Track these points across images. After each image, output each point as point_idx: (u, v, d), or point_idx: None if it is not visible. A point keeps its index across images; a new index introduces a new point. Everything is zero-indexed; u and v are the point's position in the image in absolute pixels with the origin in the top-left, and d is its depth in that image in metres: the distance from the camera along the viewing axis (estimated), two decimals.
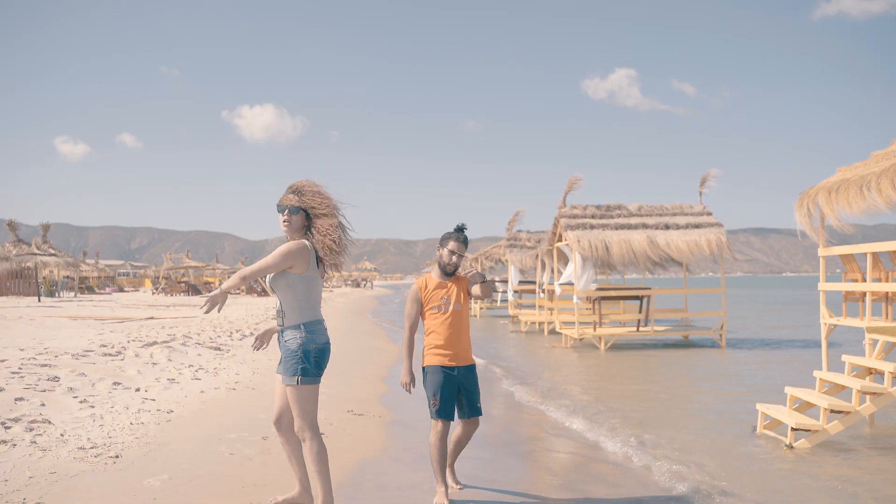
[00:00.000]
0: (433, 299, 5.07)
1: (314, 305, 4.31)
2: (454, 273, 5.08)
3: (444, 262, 5.06)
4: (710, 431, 7.83)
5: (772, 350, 16.21)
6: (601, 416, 8.57)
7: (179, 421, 6.80)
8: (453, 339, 5.03)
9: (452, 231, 5.11)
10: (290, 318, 4.24)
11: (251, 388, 8.86)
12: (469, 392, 5.07)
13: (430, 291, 5.11)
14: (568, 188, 18.09)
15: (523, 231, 26.81)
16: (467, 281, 5.08)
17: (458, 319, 5.05)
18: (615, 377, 12.19)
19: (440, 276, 5.13)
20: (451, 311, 5.03)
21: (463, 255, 5.05)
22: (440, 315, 5.04)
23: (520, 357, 15.67)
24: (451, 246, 5.02)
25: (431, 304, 5.07)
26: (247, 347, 12.73)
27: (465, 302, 5.09)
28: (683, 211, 18.39)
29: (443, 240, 5.12)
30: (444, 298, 5.04)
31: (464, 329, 5.09)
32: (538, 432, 7.77)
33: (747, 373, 12.55)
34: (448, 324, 5.03)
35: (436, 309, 5.05)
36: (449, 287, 5.08)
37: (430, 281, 5.15)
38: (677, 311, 20.07)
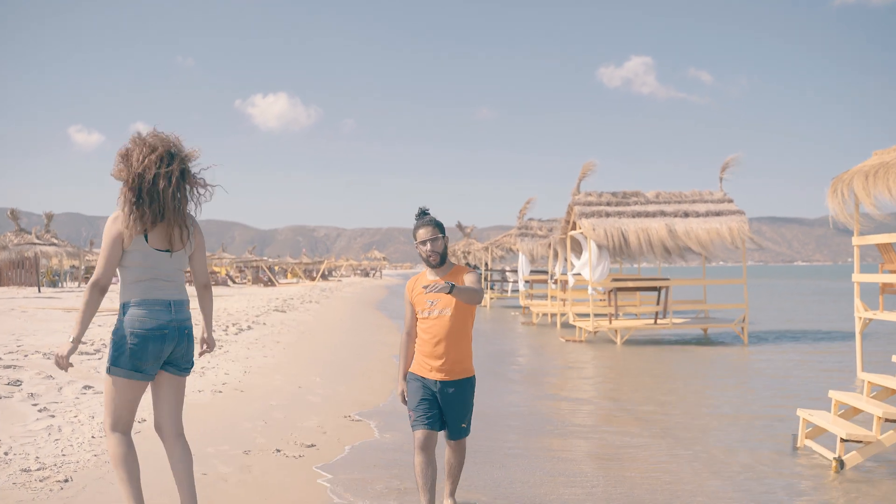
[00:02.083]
0: (420, 301, 4.42)
1: (141, 282, 3.71)
2: (442, 263, 4.38)
3: (425, 255, 4.39)
4: (745, 443, 7.00)
5: (799, 345, 15.35)
6: (621, 420, 7.77)
7: (150, 431, 6.04)
8: (438, 349, 4.32)
9: (417, 217, 4.49)
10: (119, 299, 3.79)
11: (239, 391, 8.10)
12: (453, 409, 4.37)
13: (417, 292, 4.43)
14: (582, 174, 17.23)
15: (535, 219, 25.97)
16: (467, 274, 4.38)
17: (446, 326, 4.32)
18: (634, 376, 11.37)
19: (431, 273, 4.45)
20: (436, 315, 4.33)
21: (440, 239, 4.37)
22: (426, 320, 4.39)
23: (532, 352, 14.88)
24: (420, 235, 4.38)
25: (418, 306, 4.43)
26: (241, 343, 11.97)
27: (461, 305, 4.33)
28: (703, 198, 17.50)
29: (414, 232, 4.45)
30: (430, 301, 4.36)
31: (454, 338, 4.34)
32: (552, 442, 6.97)
33: (775, 371, 11.71)
34: (433, 331, 4.34)
35: (422, 312, 4.41)
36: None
37: (420, 279, 4.50)
38: (696, 303, 19.23)
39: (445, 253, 4.40)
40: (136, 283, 3.72)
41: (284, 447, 5.98)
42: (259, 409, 7.26)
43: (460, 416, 4.39)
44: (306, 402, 7.87)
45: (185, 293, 3.84)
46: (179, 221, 3.77)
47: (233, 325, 14.53)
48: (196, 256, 3.93)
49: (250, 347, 11.58)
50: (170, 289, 3.75)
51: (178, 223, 3.77)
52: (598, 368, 12.25)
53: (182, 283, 3.84)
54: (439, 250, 4.34)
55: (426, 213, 4.49)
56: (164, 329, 3.67)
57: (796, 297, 39.25)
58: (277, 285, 45.24)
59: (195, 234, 3.88)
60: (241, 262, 56.55)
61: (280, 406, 7.51)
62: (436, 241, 4.34)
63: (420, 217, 4.46)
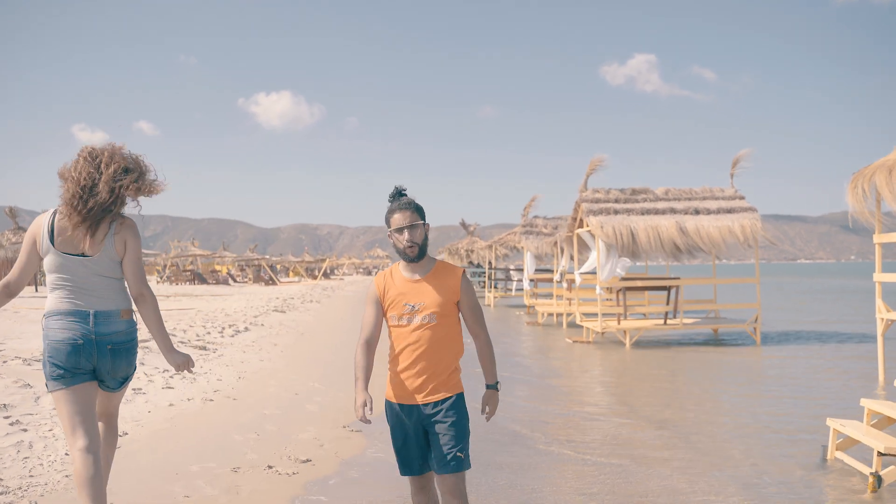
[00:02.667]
0: (395, 304, 3.50)
1: (58, 291, 3.53)
2: (421, 256, 3.49)
3: (401, 246, 3.47)
4: (771, 455, 6.51)
5: (814, 346, 14.84)
6: (637, 429, 7.29)
7: (133, 446, 5.59)
8: (419, 366, 3.44)
9: (391, 199, 3.60)
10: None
11: (232, 399, 7.64)
12: (442, 435, 3.42)
13: (391, 291, 3.52)
14: (590, 170, 16.72)
15: (540, 217, 25.46)
16: (460, 280, 3.51)
17: (431, 337, 3.43)
18: (647, 381, 10.89)
19: (408, 269, 3.53)
20: (418, 323, 3.44)
21: (421, 226, 3.50)
22: (402, 329, 3.47)
23: (539, 354, 14.40)
24: (395, 221, 3.48)
25: (392, 310, 3.51)
26: (237, 346, 11.51)
27: (448, 312, 3.47)
28: (714, 195, 16.98)
29: (387, 217, 3.55)
30: (409, 305, 3.46)
31: (440, 351, 3.45)
32: (563, 452, 6.49)
33: (794, 375, 11.22)
34: (413, 345, 3.44)
35: (396, 319, 3.49)
36: (420, 287, 3.47)
37: (394, 274, 3.56)
38: (707, 303, 18.73)
39: (426, 244, 3.54)
40: (52, 291, 3.55)
41: (277, 463, 5.52)
42: (252, 420, 6.80)
43: (452, 443, 3.42)
44: (303, 411, 7.40)
45: (115, 303, 3.58)
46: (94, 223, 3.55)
47: (229, 327, 14.06)
48: (126, 261, 3.65)
49: (246, 350, 11.12)
50: (88, 298, 3.51)
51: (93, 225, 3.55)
52: (609, 371, 11.77)
53: (118, 289, 3.62)
54: (419, 240, 3.47)
55: (403, 193, 3.60)
56: (76, 341, 3.44)
57: (804, 295, 38.70)
58: (278, 284, 44.80)
59: (120, 236, 3.63)
60: (242, 260, 56.06)
61: (274, 416, 7.04)
62: (415, 229, 3.46)
63: (395, 198, 3.56)
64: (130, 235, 3.67)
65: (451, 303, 3.48)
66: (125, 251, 3.65)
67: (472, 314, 3.57)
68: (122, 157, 3.68)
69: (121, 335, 3.55)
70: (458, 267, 3.57)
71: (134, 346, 3.65)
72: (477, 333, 3.59)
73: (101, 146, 3.71)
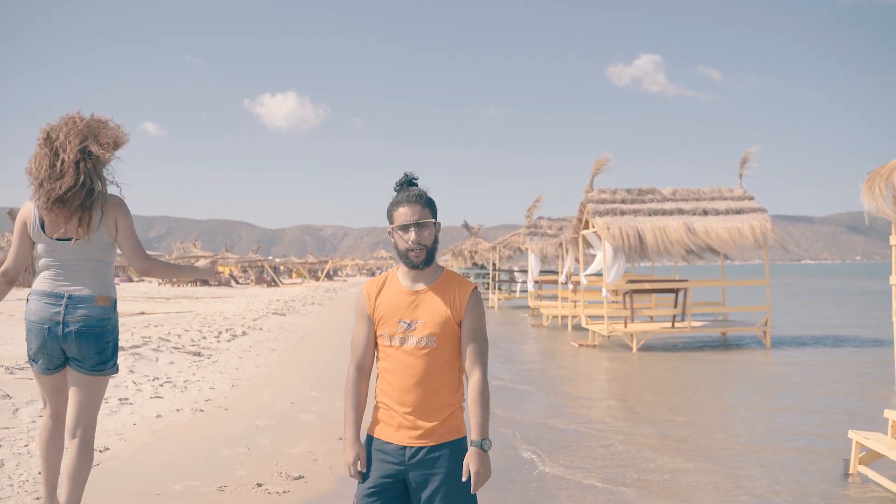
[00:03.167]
0: (387, 320, 2.80)
1: (44, 272, 3.60)
2: (429, 263, 2.80)
3: (404, 247, 2.77)
4: (790, 468, 6.15)
5: (826, 351, 14.47)
6: (648, 441, 6.94)
7: (112, 462, 5.25)
8: (410, 396, 2.74)
9: (398, 188, 2.89)
10: None
11: (223, 409, 7.30)
12: (435, 496, 2.69)
13: (384, 303, 2.83)
14: (596, 170, 16.36)
15: (544, 218, 25.10)
16: (469, 296, 2.80)
17: (428, 362, 2.74)
18: (657, 388, 10.53)
19: (408, 277, 2.84)
20: (414, 345, 2.75)
21: (431, 225, 2.80)
22: (394, 351, 2.78)
23: (544, 358, 14.05)
24: (401, 216, 2.78)
25: (384, 327, 2.81)
26: (233, 352, 11.16)
27: (450, 335, 2.77)
28: (722, 195, 16.62)
29: (390, 211, 2.84)
30: (404, 323, 2.77)
31: (438, 380, 2.75)
32: (574, 462, 6.14)
33: (807, 382, 10.85)
34: (405, 369, 2.75)
35: (388, 338, 2.79)
36: (421, 301, 2.79)
37: (389, 282, 2.88)
38: (715, 305, 18.36)
39: (435, 248, 2.83)
40: (40, 272, 3.62)
41: (267, 480, 5.17)
42: (243, 432, 6.46)
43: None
44: (298, 422, 7.05)
45: (93, 288, 3.57)
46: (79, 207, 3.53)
47: (226, 331, 13.72)
48: (121, 239, 3.67)
49: (242, 356, 10.77)
50: (67, 281, 3.54)
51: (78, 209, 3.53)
52: (617, 377, 11.41)
53: (96, 273, 3.60)
54: (427, 242, 2.77)
55: (413, 182, 2.89)
56: (45, 323, 3.50)
57: (811, 296, 38.24)
58: (280, 286, 44.49)
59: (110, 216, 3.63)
60: (245, 262, 55.72)
61: (268, 427, 6.70)
62: (423, 228, 2.77)
63: (403, 188, 2.86)
64: (120, 214, 3.64)
65: (453, 323, 2.78)
66: (117, 231, 3.65)
67: (474, 341, 2.78)
68: (77, 131, 3.58)
69: (91, 319, 3.52)
70: (469, 282, 2.87)
71: (104, 332, 3.58)
72: (473, 369, 2.76)
73: (57, 123, 3.62)
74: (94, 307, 3.53)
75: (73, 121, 3.61)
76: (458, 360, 2.81)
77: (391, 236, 2.83)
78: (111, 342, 3.62)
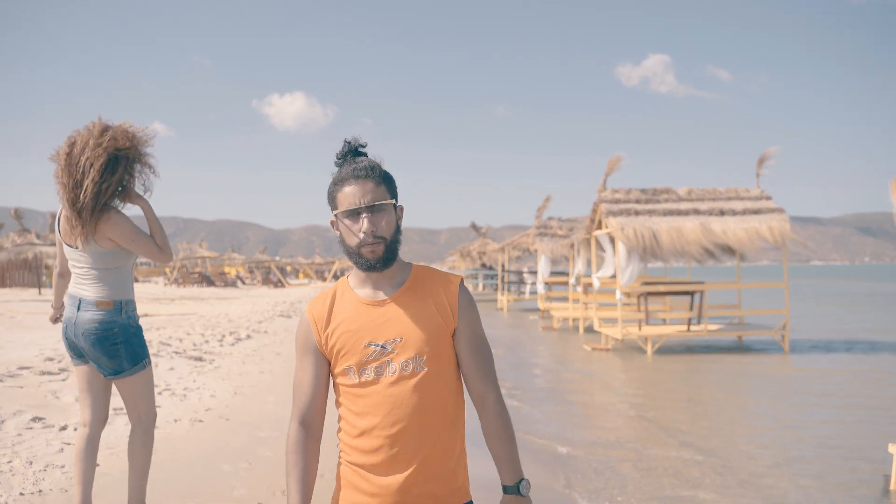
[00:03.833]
0: (349, 348, 2.00)
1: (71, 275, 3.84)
2: (389, 261, 2.01)
3: (354, 242, 1.99)
4: (826, 485, 5.74)
5: (849, 356, 14.03)
6: (672, 454, 6.53)
7: (100, 481, 4.85)
8: (400, 458, 1.95)
9: (339, 161, 2.10)
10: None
11: (224, 419, 6.92)
12: None
13: (340, 327, 2.02)
14: (609, 169, 15.95)
15: (554, 219, 24.67)
16: (457, 293, 2.05)
17: (419, 402, 1.96)
18: (675, 394, 10.11)
19: (365, 284, 2.07)
20: (392, 376, 1.97)
21: (389, 207, 2.03)
22: (368, 388, 1.98)
23: (557, 364, 13.64)
24: (347, 196, 1.99)
25: (346, 359, 2.00)
26: (236, 356, 10.78)
27: (444, 351, 2.01)
28: (739, 195, 16.18)
29: (332, 192, 2.05)
30: (376, 346, 1.98)
31: (437, 425, 1.98)
32: (593, 482, 5.74)
33: (832, 389, 10.41)
34: (388, 416, 1.95)
35: (356, 374, 1.98)
36: (391, 313, 2.01)
37: (340, 297, 2.09)
38: (731, 308, 17.92)
39: (398, 240, 2.04)
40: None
41: (269, 500, 4.79)
42: (244, 444, 6.08)
43: None
44: None
45: (98, 290, 3.63)
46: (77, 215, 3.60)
47: (230, 334, 13.33)
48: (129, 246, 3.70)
49: (245, 361, 10.39)
50: (79, 285, 3.66)
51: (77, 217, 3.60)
52: (633, 384, 10.99)
53: (98, 278, 3.64)
54: (386, 233, 2.00)
55: (359, 151, 2.10)
56: (66, 323, 3.66)
57: (825, 298, 37.72)
58: (287, 286, 44.18)
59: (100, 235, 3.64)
60: (251, 262, 55.45)
61: (271, 439, 6.31)
62: (379, 214, 1.99)
63: (347, 160, 2.08)
64: (113, 231, 3.64)
65: (445, 334, 2.01)
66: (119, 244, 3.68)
67: (477, 352, 2.04)
68: (102, 150, 3.59)
69: (93, 323, 3.58)
70: (449, 274, 2.10)
71: (109, 335, 3.60)
72: (484, 390, 2.04)
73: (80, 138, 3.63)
74: (95, 311, 3.59)
75: (90, 131, 3.65)
76: (458, 386, 2.06)
77: (335, 227, 2.07)
78: (121, 345, 3.63)
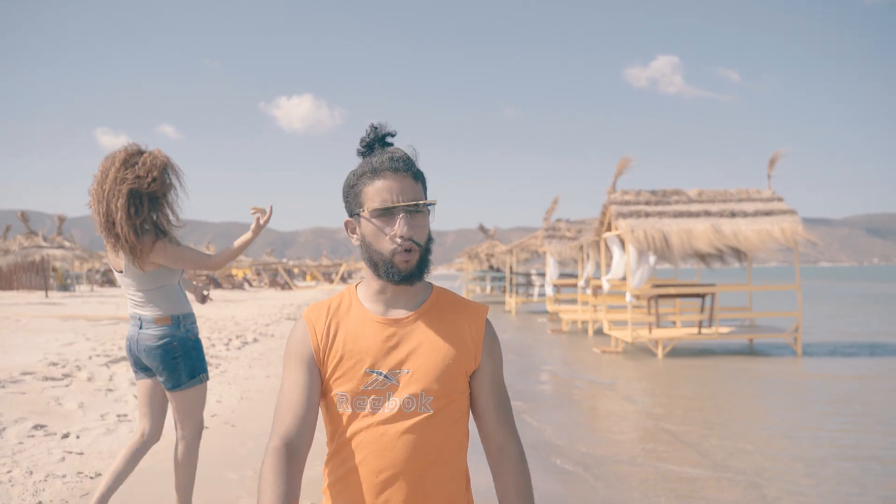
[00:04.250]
0: (348, 369, 1.69)
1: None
2: (422, 273, 1.68)
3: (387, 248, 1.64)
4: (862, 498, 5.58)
5: (865, 361, 13.83)
6: (692, 468, 6.38)
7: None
8: (388, 494, 1.64)
9: (365, 150, 1.73)
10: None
11: (230, 425, 6.79)
12: None
13: (342, 341, 1.70)
14: (618, 171, 15.80)
15: (563, 220, 24.51)
16: (483, 328, 1.76)
17: (420, 450, 1.66)
18: (691, 399, 9.95)
19: (379, 300, 1.74)
20: (391, 413, 1.66)
21: (426, 210, 1.69)
22: (362, 423, 1.67)
23: (566, 368, 13.48)
24: (381, 192, 1.63)
25: (343, 382, 1.68)
26: (243, 360, 10.66)
27: (457, 394, 1.72)
28: (750, 196, 16.00)
29: (357, 187, 1.68)
30: (379, 375, 1.67)
31: (441, 477, 1.69)
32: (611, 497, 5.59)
33: (848, 393, 10.23)
34: (383, 454, 1.65)
35: (349, 403, 1.68)
36: (405, 336, 1.70)
37: (346, 309, 1.75)
38: (742, 311, 17.73)
39: (430, 251, 1.72)
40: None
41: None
42: (251, 452, 5.95)
43: None
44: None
45: (153, 309, 3.67)
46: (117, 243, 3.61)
47: (237, 338, 13.22)
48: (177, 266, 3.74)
49: (252, 365, 10.27)
50: (136, 306, 3.73)
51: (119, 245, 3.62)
52: (645, 389, 10.82)
53: (149, 299, 3.68)
54: (422, 240, 1.67)
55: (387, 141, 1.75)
56: (129, 340, 3.76)
57: (836, 300, 37.41)
58: (294, 289, 44.09)
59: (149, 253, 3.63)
60: (259, 264, 55.39)
61: None
62: (417, 215, 1.67)
63: (375, 147, 1.73)
64: (157, 256, 3.65)
65: (461, 373, 1.71)
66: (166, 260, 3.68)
67: (497, 398, 1.77)
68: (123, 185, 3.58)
69: (154, 340, 3.65)
70: (474, 303, 1.80)
71: (169, 350, 3.65)
72: (502, 440, 1.76)
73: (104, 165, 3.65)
74: (155, 328, 3.67)
75: (114, 159, 3.66)
76: (465, 435, 1.77)
77: (351, 230, 1.71)
78: (180, 358, 3.68)
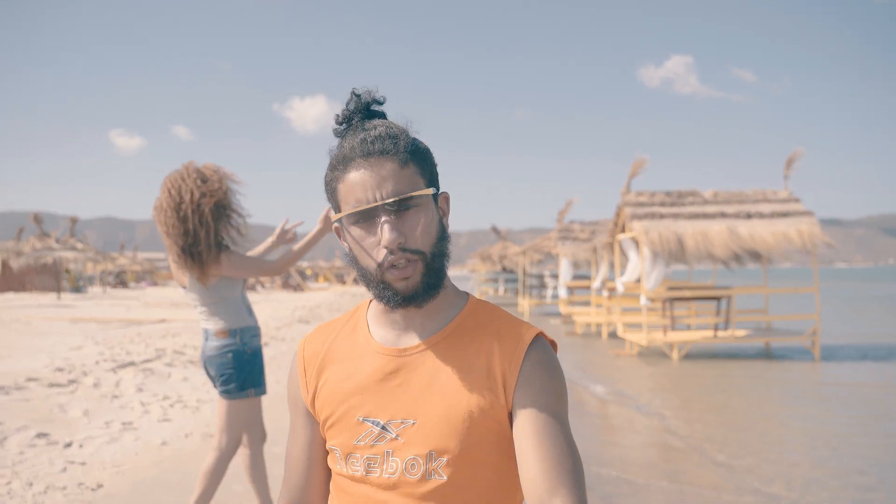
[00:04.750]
0: (338, 417, 1.28)
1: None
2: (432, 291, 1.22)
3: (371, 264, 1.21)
4: None
5: (886, 365, 13.57)
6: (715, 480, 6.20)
7: (107, 501, 4.61)
8: None
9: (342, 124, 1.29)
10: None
11: None
12: None
13: (331, 381, 1.31)
14: (633, 172, 15.62)
15: (576, 222, 24.30)
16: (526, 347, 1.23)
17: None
18: (709, 404, 9.75)
19: (388, 323, 1.30)
20: (393, 478, 1.20)
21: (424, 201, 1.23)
22: (354, 487, 1.25)
23: (581, 372, 13.29)
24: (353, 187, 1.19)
25: (337, 433, 1.28)
26: None
27: (484, 453, 1.21)
28: (767, 197, 15.76)
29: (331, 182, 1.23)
30: (373, 424, 1.24)
31: None
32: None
33: (870, 398, 10.01)
34: None
35: (342, 460, 1.27)
36: (404, 369, 1.25)
37: (348, 333, 1.35)
38: (758, 313, 17.49)
39: (443, 254, 1.24)
40: None
41: None
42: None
43: None
44: None
45: (215, 322, 3.75)
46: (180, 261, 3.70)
47: None
48: (238, 276, 3.82)
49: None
50: (202, 319, 3.84)
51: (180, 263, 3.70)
52: (661, 395, 10.62)
53: (212, 312, 3.75)
54: (424, 245, 1.22)
55: (373, 110, 1.31)
56: (201, 355, 3.87)
57: (855, 302, 36.98)
58: (306, 290, 44.01)
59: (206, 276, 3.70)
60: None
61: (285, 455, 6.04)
62: (409, 211, 1.21)
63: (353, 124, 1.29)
64: (222, 269, 3.72)
65: (492, 425, 1.23)
66: (221, 278, 3.75)
67: (540, 450, 1.16)
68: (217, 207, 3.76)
69: (213, 351, 3.75)
70: (518, 322, 1.30)
71: (224, 362, 3.72)
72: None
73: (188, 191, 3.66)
74: (216, 341, 3.76)
75: (184, 179, 3.71)
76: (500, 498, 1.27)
77: (340, 237, 1.31)
78: (234, 370, 3.73)
